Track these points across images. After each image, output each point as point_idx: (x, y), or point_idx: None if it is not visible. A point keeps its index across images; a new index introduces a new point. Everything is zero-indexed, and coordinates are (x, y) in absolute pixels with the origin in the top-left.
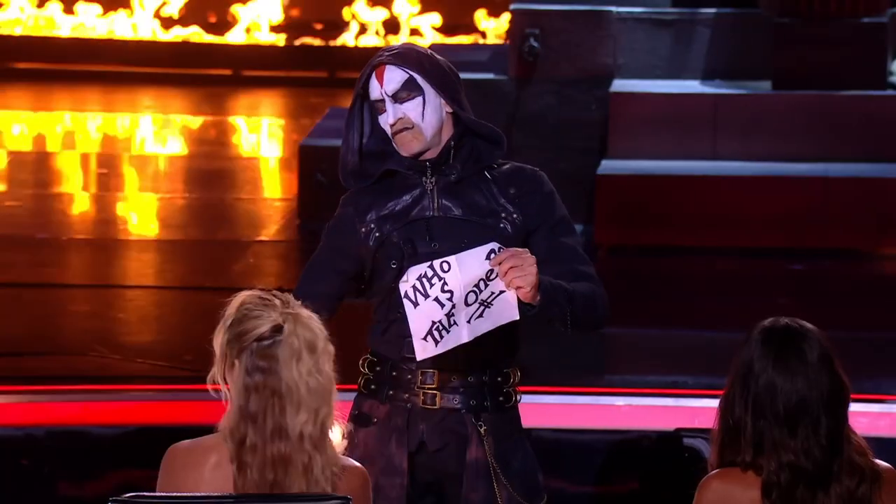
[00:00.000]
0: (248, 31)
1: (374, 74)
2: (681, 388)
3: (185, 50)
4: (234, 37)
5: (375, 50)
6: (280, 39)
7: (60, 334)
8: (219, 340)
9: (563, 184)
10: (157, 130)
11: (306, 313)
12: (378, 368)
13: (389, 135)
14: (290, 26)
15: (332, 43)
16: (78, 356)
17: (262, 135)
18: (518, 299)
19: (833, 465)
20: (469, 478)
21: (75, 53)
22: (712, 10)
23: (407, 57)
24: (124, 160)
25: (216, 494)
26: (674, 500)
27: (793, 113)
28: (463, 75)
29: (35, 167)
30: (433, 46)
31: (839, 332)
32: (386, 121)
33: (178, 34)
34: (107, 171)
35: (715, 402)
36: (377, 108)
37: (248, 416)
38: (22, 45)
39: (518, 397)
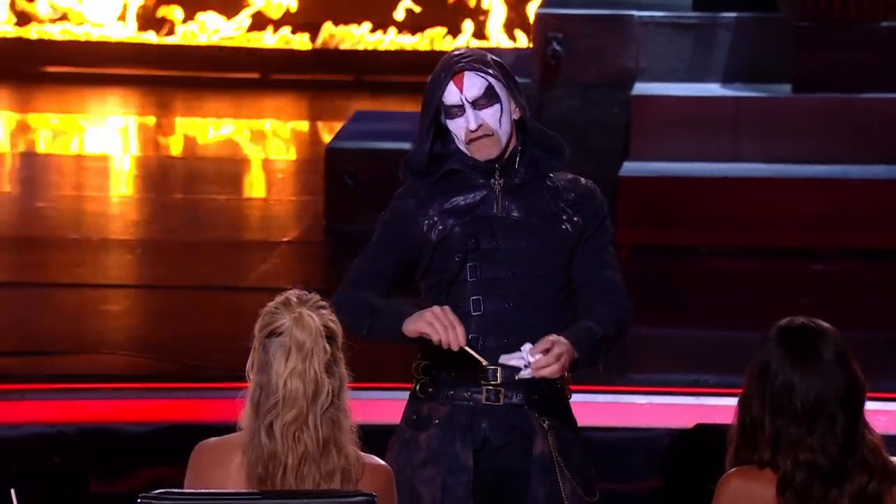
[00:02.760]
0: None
1: (452, 80)
2: (702, 387)
3: (213, 53)
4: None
5: (399, 53)
6: (306, 42)
7: (92, 334)
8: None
9: None
10: (184, 133)
11: (315, 314)
12: (434, 372)
13: (462, 138)
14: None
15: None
16: (109, 355)
17: (289, 137)
18: None
19: (847, 462)
20: (535, 472)
21: (98, 57)
22: (733, 15)
23: (485, 64)
24: (151, 163)
25: (243, 491)
26: (695, 497)
27: (813, 115)
28: None
29: (66, 169)
30: (457, 50)
31: (860, 332)
32: (462, 125)
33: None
34: (137, 173)
35: (735, 401)
36: (450, 112)
37: (251, 411)
38: (50, 49)
39: (569, 393)
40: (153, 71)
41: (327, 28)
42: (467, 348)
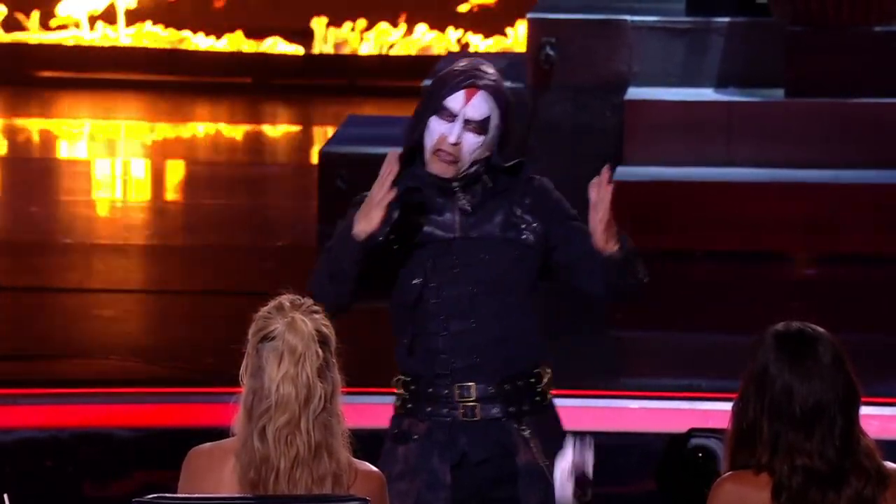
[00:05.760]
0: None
1: (466, 89)
2: (694, 391)
3: (206, 58)
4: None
5: (383, 59)
6: (299, 49)
7: (84, 338)
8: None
9: (578, 190)
10: (179, 138)
11: (307, 319)
12: (413, 387)
13: (432, 144)
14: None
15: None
16: (100, 359)
17: (282, 142)
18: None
19: (845, 466)
20: (524, 484)
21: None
22: (726, 19)
23: (499, 93)
24: (145, 167)
25: (236, 496)
26: (688, 501)
27: (806, 120)
28: None
29: (65, 174)
30: (451, 54)
31: (852, 336)
32: (442, 131)
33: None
34: (132, 178)
35: (729, 405)
36: (442, 112)
37: (244, 415)
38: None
39: (551, 397)
40: (156, 76)
41: (320, 31)
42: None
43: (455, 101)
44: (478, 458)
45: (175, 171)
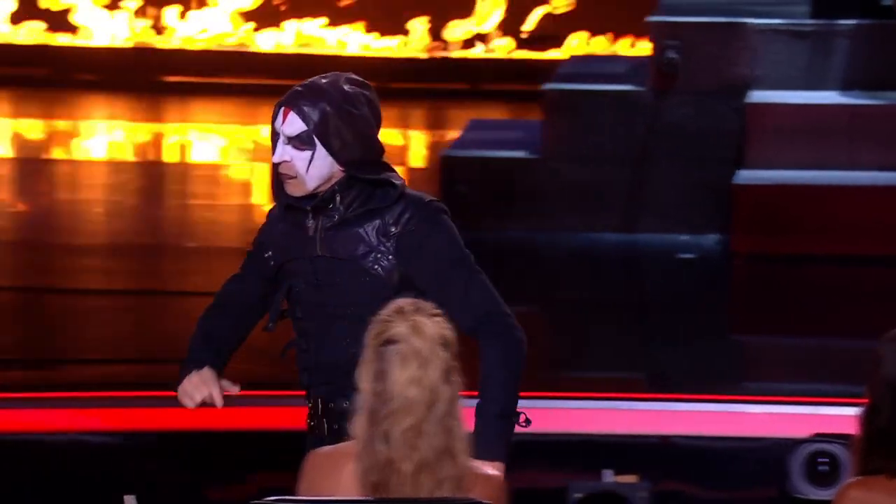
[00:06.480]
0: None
1: (282, 109)
2: (817, 396)
3: (319, 62)
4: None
5: (514, 63)
6: (422, 51)
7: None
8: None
9: (699, 193)
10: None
11: (430, 322)
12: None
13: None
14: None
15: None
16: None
17: (405, 145)
18: None
19: None
20: None
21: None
22: (851, 22)
23: (314, 106)
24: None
25: (355, 499)
26: None
27: None
28: (601, 87)
29: (173, 178)
30: (574, 58)
31: None
32: (274, 153)
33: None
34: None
35: (852, 410)
36: (274, 137)
37: (366, 418)
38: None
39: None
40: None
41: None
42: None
43: (277, 121)
44: None
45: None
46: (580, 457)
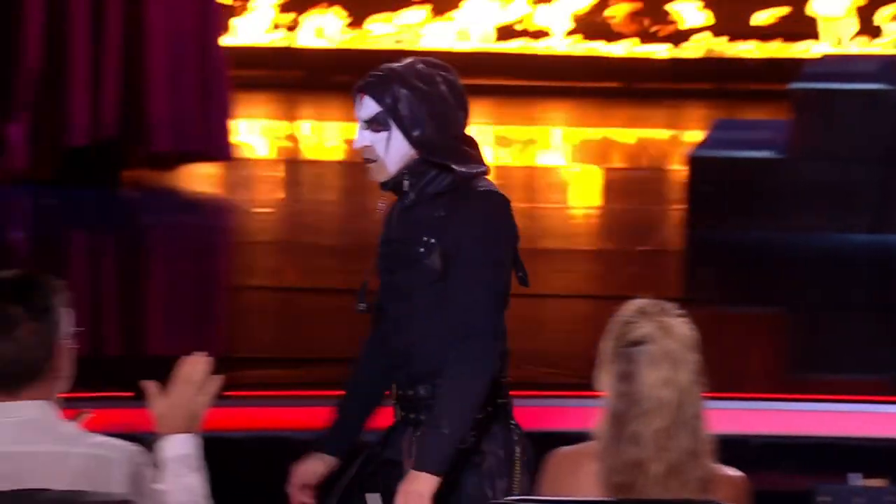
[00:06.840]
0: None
1: (357, 95)
2: None
3: (570, 63)
4: (618, 49)
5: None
6: (665, 51)
7: None
8: (602, 346)
9: None
10: (555, 143)
11: (678, 322)
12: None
13: None
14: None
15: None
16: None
17: (648, 146)
18: None
19: None
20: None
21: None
22: None
23: (385, 89)
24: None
25: (596, 499)
26: None
27: None
28: (850, 86)
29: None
30: (825, 57)
31: None
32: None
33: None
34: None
35: None
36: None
37: (611, 420)
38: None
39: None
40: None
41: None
42: None
43: (356, 108)
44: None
45: (551, 177)
46: (827, 460)
